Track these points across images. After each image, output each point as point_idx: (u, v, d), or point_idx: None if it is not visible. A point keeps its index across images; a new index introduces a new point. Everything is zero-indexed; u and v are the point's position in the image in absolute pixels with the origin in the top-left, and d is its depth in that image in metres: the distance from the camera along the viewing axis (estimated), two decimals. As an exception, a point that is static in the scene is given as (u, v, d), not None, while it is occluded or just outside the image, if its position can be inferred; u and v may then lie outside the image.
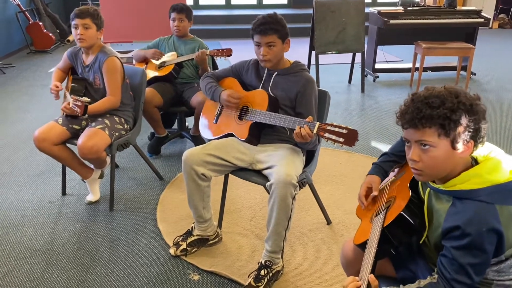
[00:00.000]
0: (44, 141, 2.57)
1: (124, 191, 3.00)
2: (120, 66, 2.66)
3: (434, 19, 5.48)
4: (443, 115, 1.20)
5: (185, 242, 2.34)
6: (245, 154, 2.26)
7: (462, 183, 1.24)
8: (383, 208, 1.46)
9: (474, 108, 1.22)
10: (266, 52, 2.17)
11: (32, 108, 4.64)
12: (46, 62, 6.65)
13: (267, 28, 2.13)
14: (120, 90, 2.65)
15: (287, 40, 2.21)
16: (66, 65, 2.82)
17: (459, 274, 1.22)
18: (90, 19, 2.57)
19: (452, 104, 1.21)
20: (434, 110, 1.20)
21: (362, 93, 5.18)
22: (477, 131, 1.23)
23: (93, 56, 2.66)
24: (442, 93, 1.23)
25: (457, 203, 1.25)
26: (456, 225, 1.20)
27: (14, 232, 2.55)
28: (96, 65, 2.64)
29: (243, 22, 9.04)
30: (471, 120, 1.21)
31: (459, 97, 1.22)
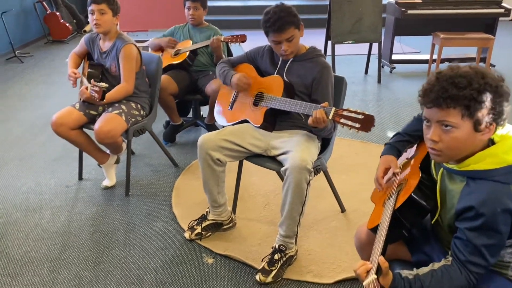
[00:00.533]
0: (61, 125, 2.61)
1: (139, 177, 3.03)
2: (136, 54, 2.68)
3: (453, 9, 5.38)
4: (469, 96, 1.17)
5: (199, 226, 2.36)
6: (260, 140, 2.26)
7: (476, 163, 1.23)
8: (394, 191, 1.45)
9: (500, 89, 1.20)
10: (288, 47, 2.15)
11: (50, 96, 4.70)
12: (63, 52, 6.72)
13: (283, 24, 2.09)
14: (133, 78, 2.67)
15: (301, 26, 2.19)
16: (83, 50, 2.84)
17: (473, 255, 1.21)
18: (106, 5, 2.58)
19: (478, 85, 1.18)
20: (460, 91, 1.17)
21: (379, 84, 5.13)
22: (500, 113, 1.21)
23: (111, 42, 2.68)
24: (469, 73, 1.20)
25: (471, 183, 1.23)
26: (470, 205, 1.19)
27: (33, 215, 2.60)
28: (113, 52, 2.66)
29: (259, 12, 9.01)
30: (496, 102, 1.19)
31: (486, 77, 1.19)
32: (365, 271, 1.21)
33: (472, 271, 1.22)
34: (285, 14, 2.10)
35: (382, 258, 1.21)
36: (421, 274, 1.25)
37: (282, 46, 2.16)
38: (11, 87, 5.00)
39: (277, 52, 2.23)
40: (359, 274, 1.21)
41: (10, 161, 3.26)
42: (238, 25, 8.54)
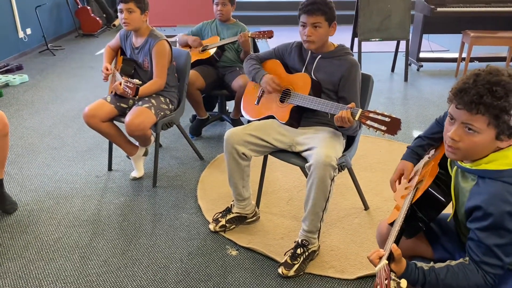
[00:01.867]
0: (93, 117, 2.70)
1: (166, 169, 3.11)
2: (169, 50, 2.75)
3: (484, 7, 5.27)
4: (502, 107, 1.17)
5: (224, 219, 2.41)
6: (285, 136, 2.29)
7: (488, 163, 1.25)
8: (413, 188, 1.48)
9: None
10: (311, 33, 2.17)
11: (80, 88, 4.84)
12: (93, 45, 6.89)
13: (314, 8, 2.13)
14: (166, 74, 2.75)
15: (333, 24, 2.21)
16: (117, 44, 2.93)
17: (487, 256, 1.22)
18: (134, 3, 2.64)
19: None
20: (495, 100, 1.16)
21: (405, 82, 5.09)
22: None
23: (143, 39, 2.75)
24: (508, 83, 1.18)
25: (481, 182, 1.25)
26: (477, 205, 1.21)
27: (64, 203, 2.70)
28: (146, 48, 2.73)
29: (286, 8, 9.02)
30: None
31: None
32: (378, 257, 1.24)
33: (488, 271, 1.23)
34: (321, 2, 2.15)
35: (394, 245, 1.24)
36: (437, 267, 1.27)
37: (306, 30, 2.18)
38: (43, 79, 5.17)
39: (301, 37, 2.25)
40: (372, 260, 1.25)
41: (43, 151, 3.38)
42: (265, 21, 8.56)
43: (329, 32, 2.21)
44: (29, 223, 2.49)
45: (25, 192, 2.81)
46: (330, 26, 2.19)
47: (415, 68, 5.63)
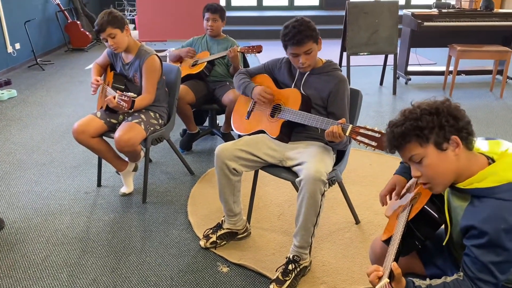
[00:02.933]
0: (82, 133, 2.68)
1: (156, 185, 3.09)
2: (159, 65, 2.75)
3: (470, 22, 5.37)
4: (411, 127, 1.26)
5: (215, 235, 2.39)
6: (275, 150, 2.29)
7: (479, 182, 1.26)
8: (409, 204, 1.48)
9: (439, 109, 1.26)
10: (305, 60, 2.19)
11: (70, 103, 4.81)
12: (82, 60, 6.87)
13: (302, 38, 2.12)
14: (155, 89, 2.74)
15: (319, 41, 2.23)
16: (105, 61, 2.93)
17: (482, 273, 1.22)
18: (111, 27, 2.61)
19: (415, 114, 1.27)
20: (401, 128, 1.28)
21: (394, 96, 5.14)
22: (454, 126, 1.26)
23: (133, 55, 2.75)
24: (405, 110, 1.31)
25: (475, 201, 1.26)
26: (472, 225, 1.22)
27: (53, 220, 2.66)
28: (136, 63, 2.73)
29: (275, 23, 9.10)
30: (441, 119, 1.25)
31: (420, 106, 1.29)
32: (377, 276, 1.23)
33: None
34: (304, 28, 2.14)
35: (395, 264, 1.24)
36: (434, 284, 1.27)
37: (300, 59, 2.20)
38: (32, 94, 5.13)
39: (295, 65, 2.27)
40: (371, 280, 1.24)
41: (32, 167, 3.35)
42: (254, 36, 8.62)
43: (318, 50, 2.24)
44: (16, 241, 2.45)
45: (13, 209, 2.77)
46: (317, 44, 2.22)
47: (403, 82, 5.69)
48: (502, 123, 4.23)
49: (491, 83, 5.41)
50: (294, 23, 2.17)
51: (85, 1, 8.27)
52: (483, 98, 5.02)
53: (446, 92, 5.26)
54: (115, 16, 2.64)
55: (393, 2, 5.00)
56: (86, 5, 8.28)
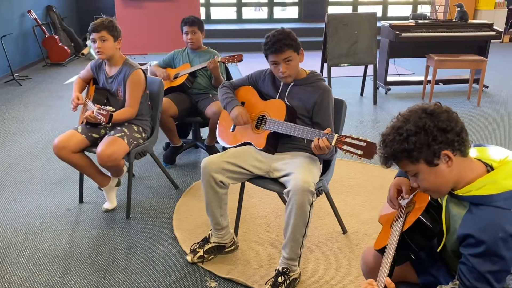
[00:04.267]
0: (63, 149, 2.62)
1: (140, 199, 3.03)
2: (144, 80, 2.73)
3: (446, 32, 5.50)
4: (400, 150, 1.26)
5: (202, 249, 2.35)
6: (262, 162, 2.28)
7: (477, 189, 1.25)
8: (403, 213, 1.47)
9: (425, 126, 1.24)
10: (285, 69, 2.20)
11: (48, 119, 4.72)
12: (61, 75, 6.77)
13: (281, 46, 2.14)
14: (138, 103, 2.71)
15: (300, 51, 2.24)
16: (88, 75, 2.88)
17: (479, 282, 1.21)
18: (106, 31, 2.62)
19: (402, 135, 1.26)
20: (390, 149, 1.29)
21: (375, 105, 5.20)
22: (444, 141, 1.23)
23: (117, 68, 2.72)
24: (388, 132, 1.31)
25: (474, 209, 1.25)
26: (469, 234, 1.21)
27: (33, 239, 2.58)
28: (120, 77, 2.70)
29: (254, 36, 9.15)
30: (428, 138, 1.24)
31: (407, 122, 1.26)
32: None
33: None
34: (284, 36, 2.16)
35: (388, 279, 1.23)
36: None
37: (280, 67, 2.20)
38: (9, 110, 5.01)
39: (276, 74, 2.27)
40: None
41: (10, 184, 3.25)
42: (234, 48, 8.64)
43: (299, 61, 2.24)
44: (-5, 262, 2.37)
45: (-9, 229, 2.68)
46: (298, 55, 2.22)
47: (383, 92, 5.77)
48: (481, 131, 4.32)
49: (468, 91, 5.52)
50: (274, 33, 2.19)
51: (62, 16, 8.18)
52: (461, 107, 5.12)
53: (425, 101, 5.34)
54: (114, 25, 2.66)
55: (371, 14, 5.09)
56: (64, 19, 8.19)
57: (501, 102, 5.32)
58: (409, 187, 1.58)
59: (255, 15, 10.05)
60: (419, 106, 1.29)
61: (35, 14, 7.11)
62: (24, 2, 7.05)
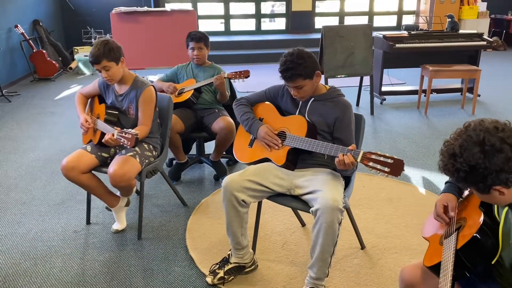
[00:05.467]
0: (73, 170, 2.53)
1: (149, 219, 2.95)
2: (155, 96, 2.67)
3: (438, 43, 5.59)
4: (474, 183, 1.26)
5: (222, 270, 2.29)
6: (283, 179, 2.24)
7: None
8: (453, 230, 1.45)
9: (476, 165, 1.23)
10: (297, 93, 2.20)
11: (44, 136, 4.59)
12: (50, 90, 6.63)
13: (289, 76, 2.12)
14: (151, 121, 2.65)
15: (316, 74, 2.20)
16: (94, 91, 2.80)
17: None
18: (106, 60, 2.49)
19: (452, 167, 1.27)
20: (463, 182, 1.28)
21: (372, 116, 5.22)
22: (493, 181, 1.23)
23: (127, 85, 2.66)
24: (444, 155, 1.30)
25: None
26: None
27: (43, 264, 2.48)
28: (132, 94, 2.63)
29: (242, 47, 9.15)
30: (475, 177, 1.24)
31: (457, 158, 1.26)
32: None
33: None
34: (294, 65, 2.11)
35: None
36: None
37: (291, 90, 2.21)
38: (2, 128, 4.87)
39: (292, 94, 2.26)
40: None
41: (11, 206, 3.13)
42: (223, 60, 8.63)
43: (314, 83, 2.21)
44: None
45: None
46: (313, 78, 2.19)
47: (378, 102, 5.81)
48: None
49: (462, 100, 5.60)
50: (288, 58, 2.14)
51: (50, 30, 8.05)
52: (456, 116, 5.18)
53: (421, 111, 5.40)
54: (111, 48, 2.50)
55: (367, 26, 5.13)
56: (51, 33, 8.06)
57: (495, 110, 5.40)
58: (455, 204, 1.56)
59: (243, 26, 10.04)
60: (480, 134, 1.24)
61: (22, 28, 6.97)
62: (10, 17, 6.91)
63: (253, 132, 2.35)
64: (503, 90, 6.40)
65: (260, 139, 2.30)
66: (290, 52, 2.16)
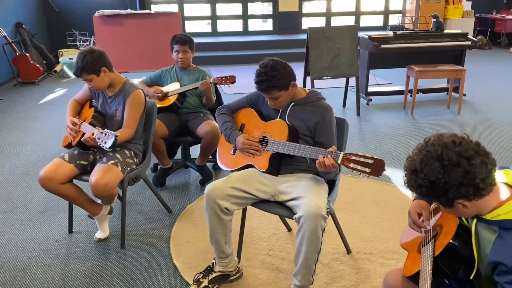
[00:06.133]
0: (50, 180, 2.47)
1: (133, 226, 2.91)
2: (144, 100, 2.66)
3: (424, 43, 5.61)
4: (437, 197, 1.27)
5: (206, 279, 2.25)
6: (267, 185, 2.21)
7: (506, 213, 1.24)
8: (430, 237, 1.44)
9: (436, 181, 1.23)
10: (273, 103, 2.20)
11: (26, 142, 4.51)
12: (34, 94, 6.53)
13: (265, 87, 2.11)
14: (136, 124, 2.61)
15: (291, 84, 2.17)
16: (86, 96, 2.77)
17: None
18: (85, 74, 2.48)
19: (414, 183, 1.28)
20: (427, 197, 1.29)
21: (358, 117, 5.22)
22: (455, 195, 1.23)
23: (117, 88, 2.64)
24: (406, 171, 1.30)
25: (503, 234, 1.23)
26: (500, 261, 1.19)
27: (23, 276, 2.42)
28: (120, 96, 2.61)
29: (230, 49, 9.11)
30: (437, 192, 1.25)
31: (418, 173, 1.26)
32: None
33: None
34: (268, 78, 2.09)
35: None
36: None
37: (268, 101, 2.22)
38: (-17, 134, 4.78)
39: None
40: None
41: (-9, 215, 3.07)
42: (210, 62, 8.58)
43: (290, 93, 2.20)
44: (-17, 304, 2.20)
45: (-25, 267, 2.51)
46: (288, 89, 2.17)
47: (364, 102, 5.81)
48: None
49: (448, 100, 5.63)
50: (262, 69, 2.12)
51: (33, 33, 7.93)
52: (442, 116, 5.20)
53: (407, 111, 5.41)
54: (89, 61, 2.46)
55: (352, 26, 5.12)
56: (35, 36, 7.94)
57: (480, 109, 5.44)
58: (428, 211, 1.56)
59: (230, 27, 10.00)
60: (439, 149, 1.24)
61: (4, 31, 6.86)
62: (-8, 19, 6.80)
63: (232, 142, 2.33)
64: (488, 89, 6.45)
65: (240, 149, 2.29)
66: (264, 64, 2.13)
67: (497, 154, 4.03)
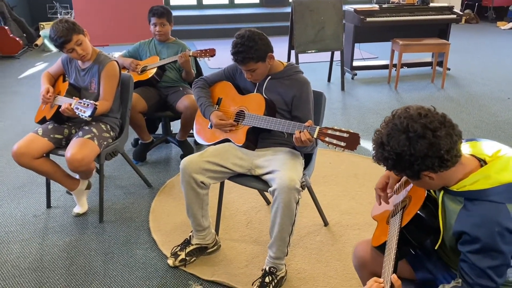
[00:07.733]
0: (23, 155, 2.44)
1: (112, 201, 2.90)
2: (118, 72, 2.61)
3: (409, 16, 5.56)
4: (384, 164, 1.30)
5: (183, 252, 2.27)
6: (243, 159, 2.21)
7: (471, 184, 1.25)
8: (399, 209, 1.45)
9: (402, 153, 1.24)
10: (250, 76, 2.16)
11: (5, 117, 4.43)
12: (14, 68, 6.39)
13: (242, 59, 2.08)
14: (113, 96, 2.58)
15: (269, 56, 2.14)
16: (59, 70, 2.71)
17: (481, 278, 1.22)
18: (76, 34, 2.42)
19: (381, 156, 1.29)
20: (393, 169, 1.30)
21: (343, 91, 5.21)
22: (420, 167, 1.24)
23: (91, 61, 2.57)
24: (374, 143, 1.31)
25: (468, 204, 1.25)
26: (464, 231, 1.22)
27: (0, 250, 2.41)
28: (94, 69, 2.56)
29: (215, 22, 8.96)
30: (403, 163, 1.25)
31: (384, 146, 1.26)
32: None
33: None
34: (246, 48, 2.06)
35: (395, 276, 1.22)
36: None
37: (245, 73, 2.17)
38: (-40, 109, 4.68)
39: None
40: None
41: (-32, 191, 3.03)
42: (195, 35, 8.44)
43: (267, 65, 2.17)
44: (-41, 279, 2.20)
45: (-49, 242, 2.49)
46: (265, 61, 2.14)
47: (349, 77, 5.79)
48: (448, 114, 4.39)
49: (432, 74, 5.63)
50: (239, 40, 2.08)
51: (12, 5, 7.69)
52: (426, 90, 5.21)
53: (392, 85, 5.40)
54: (73, 22, 2.44)
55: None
56: (14, 9, 7.71)
57: (463, 84, 5.45)
58: (395, 180, 1.57)
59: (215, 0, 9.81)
60: (404, 121, 1.24)
61: (-19, 3, 6.65)
62: (-32, -9, 6.56)
63: (207, 118, 2.31)
64: (473, 63, 6.45)
65: (214, 126, 2.27)
66: (241, 34, 2.09)
67: (478, 128, 4.06)
